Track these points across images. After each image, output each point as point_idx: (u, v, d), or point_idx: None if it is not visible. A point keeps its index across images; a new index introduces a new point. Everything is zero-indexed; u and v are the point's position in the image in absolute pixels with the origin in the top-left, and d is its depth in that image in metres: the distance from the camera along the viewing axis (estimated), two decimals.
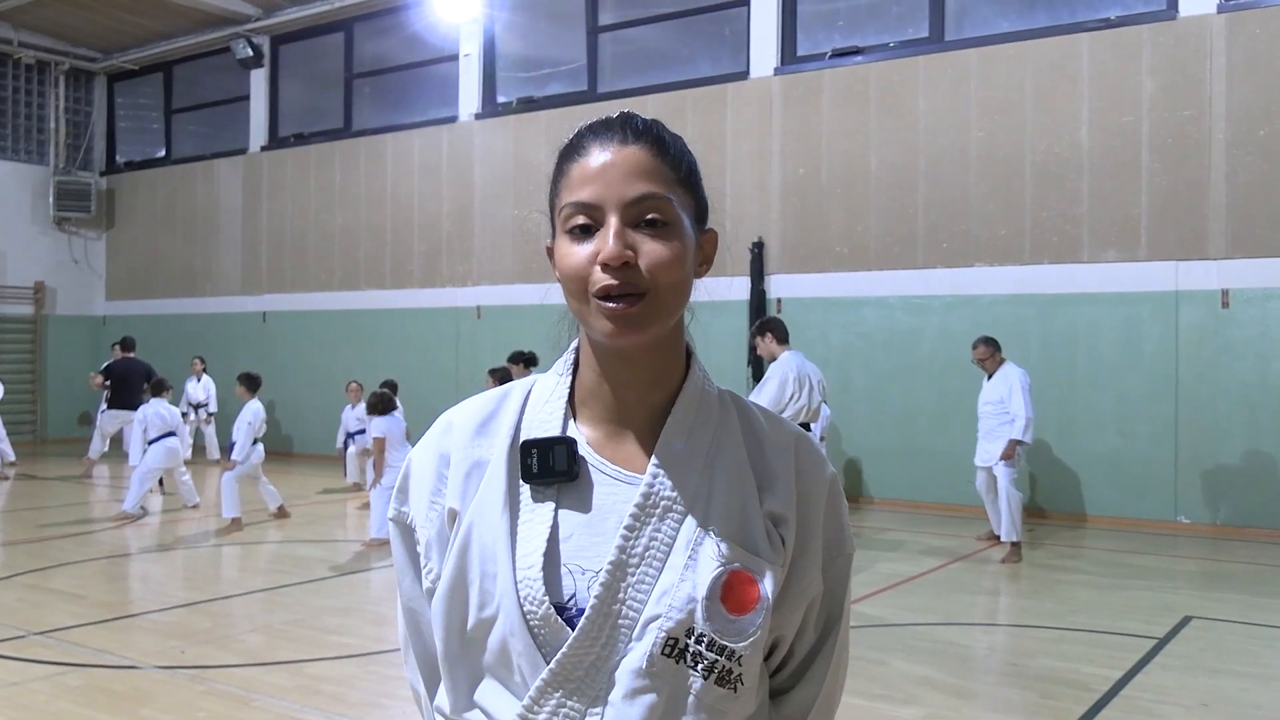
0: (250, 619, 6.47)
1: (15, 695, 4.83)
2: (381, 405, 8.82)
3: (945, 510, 10.18)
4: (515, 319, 13.03)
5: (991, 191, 10.29)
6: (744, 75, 11.73)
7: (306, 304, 15.37)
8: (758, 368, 11.42)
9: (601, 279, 1.13)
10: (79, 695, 4.85)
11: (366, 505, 10.88)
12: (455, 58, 13.89)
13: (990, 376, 8.53)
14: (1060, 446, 9.91)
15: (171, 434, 10.09)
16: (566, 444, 1.19)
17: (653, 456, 1.18)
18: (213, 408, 14.47)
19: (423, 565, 1.24)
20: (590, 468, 1.20)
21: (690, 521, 1.16)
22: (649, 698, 1.12)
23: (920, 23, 10.90)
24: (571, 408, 1.24)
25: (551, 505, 1.18)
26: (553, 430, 1.21)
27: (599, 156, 1.16)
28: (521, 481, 1.19)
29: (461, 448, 1.23)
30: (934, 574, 7.73)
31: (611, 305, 1.12)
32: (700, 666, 1.12)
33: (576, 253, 1.15)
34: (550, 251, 1.22)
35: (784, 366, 6.98)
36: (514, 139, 13.32)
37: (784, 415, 6.82)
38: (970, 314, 10.26)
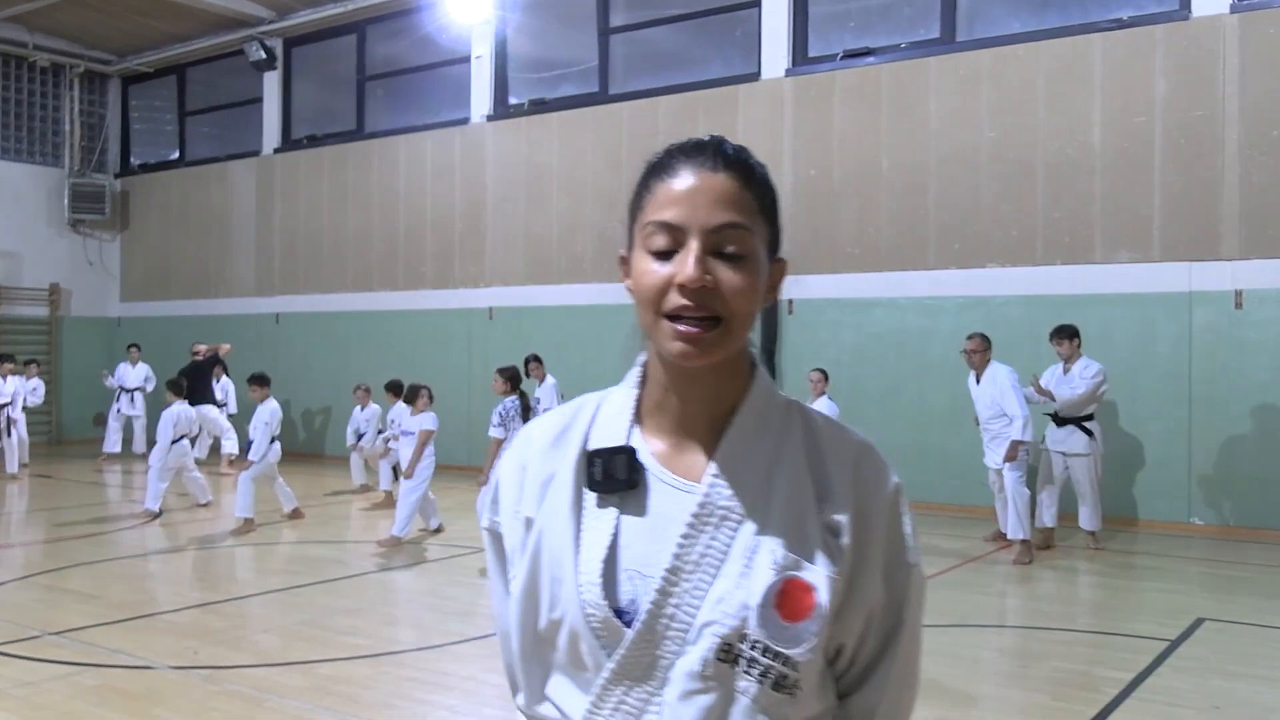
0: (263, 619, 6.51)
1: (31, 695, 4.87)
2: (429, 399, 9.12)
3: (957, 511, 10.16)
4: (527, 320, 13.07)
5: (1003, 192, 10.27)
6: (755, 76, 11.73)
7: (319, 305, 15.43)
8: (769, 368, 11.38)
9: (676, 300, 1.16)
10: (94, 695, 4.88)
11: (375, 507, 10.94)
12: (467, 59, 13.93)
13: (979, 379, 8.57)
14: None
15: (184, 435, 10.24)
16: (626, 453, 1.23)
17: (710, 465, 1.22)
18: (232, 408, 14.53)
19: (509, 572, 1.31)
20: (652, 477, 1.23)
21: (747, 530, 1.19)
22: (704, 699, 1.16)
23: (931, 23, 10.88)
24: (639, 419, 1.28)
25: (614, 512, 1.22)
26: (618, 441, 1.25)
27: (687, 179, 1.19)
28: (587, 490, 1.24)
29: (538, 458, 1.29)
30: (945, 575, 7.72)
31: (683, 329, 1.16)
32: (755, 672, 1.16)
33: (655, 271, 1.18)
34: (624, 261, 1.26)
35: None
36: (526, 140, 13.35)
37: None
38: (982, 315, 10.24)
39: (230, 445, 13.63)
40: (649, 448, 1.25)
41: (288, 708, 4.72)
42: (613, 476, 1.22)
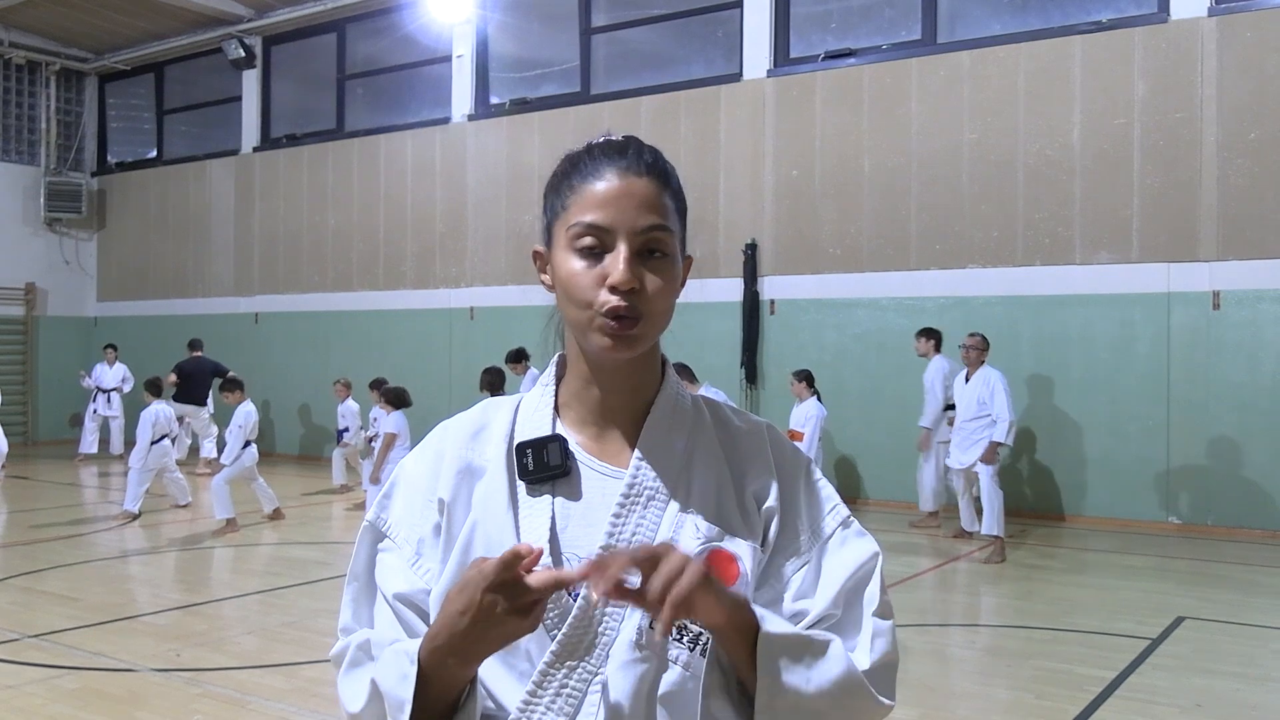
0: (245, 621, 6.47)
1: (12, 698, 4.82)
2: (397, 400, 8.98)
3: (940, 511, 10.19)
4: (508, 320, 13.02)
5: (984, 193, 10.32)
6: (737, 77, 11.75)
7: (299, 305, 15.34)
8: (750, 369, 11.45)
9: (609, 300, 1.22)
10: (75, 698, 4.84)
11: (356, 506, 10.90)
12: (448, 59, 13.88)
13: (969, 378, 8.65)
14: (1052, 447, 9.94)
15: (164, 435, 10.15)
16: (559, 441, 1.29)
17: (635, 450, 1.29)
18: (210, 409, 14.42)
19: (413, 563, 1.30)
20: (579, 464, 1.29)
21: (672, 507, 1.26)
22: (640, 668, 1.21)
23: (913, 25, 10.93)
24: (558, 413, 1.34)
25: (548, 499, 1.27)
26: (544, 432, 1.30)
27: (613, 182, 1.25)
28: (519, 480, 1.28)
29: (455, 448, 1.32)
30: (928, 575, 7.75)
31: (614, 324, 1.22)
32: (685, 638, 1.22)
33: (585, 271, 1.23)
34: (538, 256, 1.32)
35: None
36: (507, 140, 13.32)
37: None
38: (963, 315, 10.28)
39: (209, 448, 13.55)
40: (573, 438, 1.31)
41: (271, 710, 4.70)
42: (545, 464, 1.27)
